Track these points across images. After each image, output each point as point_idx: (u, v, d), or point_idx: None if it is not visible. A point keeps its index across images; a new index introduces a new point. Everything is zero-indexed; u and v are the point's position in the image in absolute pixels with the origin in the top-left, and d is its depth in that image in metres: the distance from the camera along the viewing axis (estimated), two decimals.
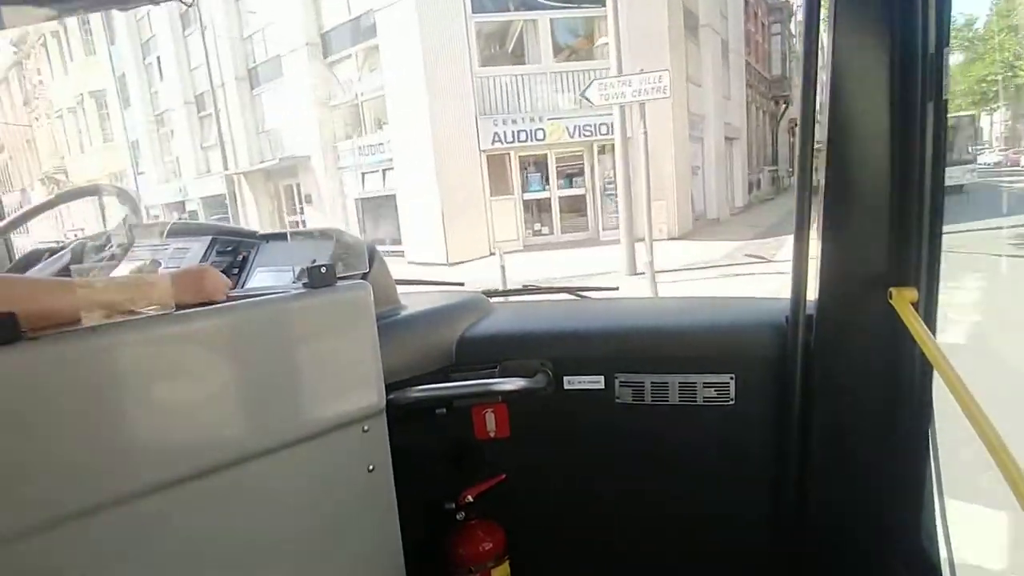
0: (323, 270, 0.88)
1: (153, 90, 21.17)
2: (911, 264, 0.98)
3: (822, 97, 0.98)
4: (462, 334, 1.29)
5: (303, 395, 0.87)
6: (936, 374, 0.90)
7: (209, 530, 0.79)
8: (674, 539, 1.28)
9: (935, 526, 1.02)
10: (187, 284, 0.85)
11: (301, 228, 1.34)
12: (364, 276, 1.11)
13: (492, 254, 12.56)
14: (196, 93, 19.06)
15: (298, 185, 16.27)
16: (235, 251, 1.25)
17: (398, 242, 13.78)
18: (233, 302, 0.84)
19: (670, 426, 1.21)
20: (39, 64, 28.31)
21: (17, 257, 1.33)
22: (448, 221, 12.23)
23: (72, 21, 23.98)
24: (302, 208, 16.49)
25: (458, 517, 1.24)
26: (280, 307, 0.85)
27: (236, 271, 1.21)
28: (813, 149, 1.00)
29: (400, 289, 1.35)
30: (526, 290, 1.68)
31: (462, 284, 1.68)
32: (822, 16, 0.97)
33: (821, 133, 0.99)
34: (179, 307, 0.79)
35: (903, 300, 0.95)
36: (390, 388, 1.01)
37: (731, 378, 1.17)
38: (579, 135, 12.69)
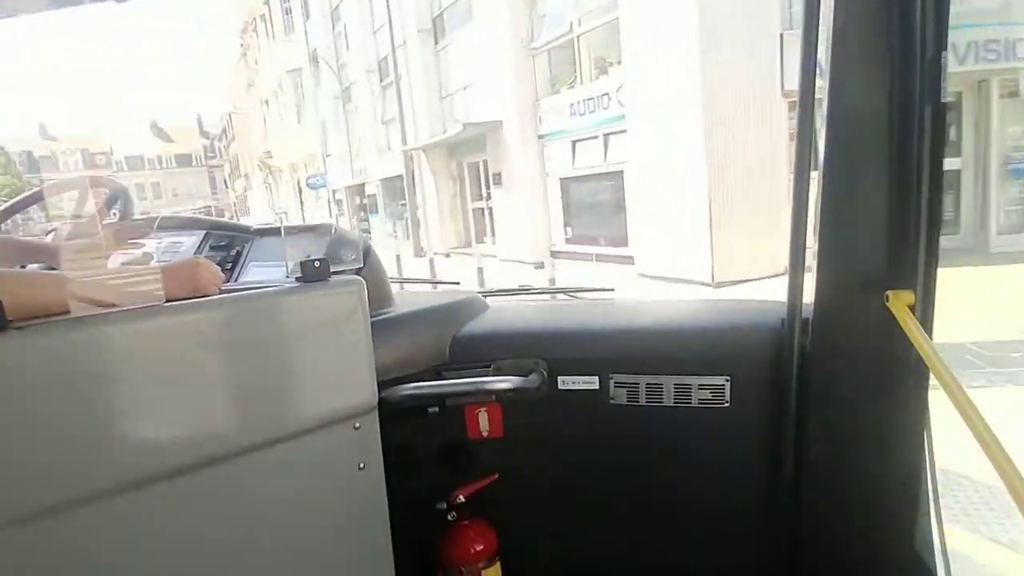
0: (317, 264, 0.87)
1: (340, 62, 19.38)
2: (908, 267, 0.97)
3: (821, 99, 0.97)
4: (456, 333, 1.27)
5: (294, 390, 0.85)
6: (932, 378, 0.91)
7: (197, 526, 0.77)
8: (667, 540, 1.27)
9: (930, 530, 1.03)
10: (179, 277, 0.82)
11: (297, 223, 1.75)
12: (358, 272, 1.06)
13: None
14: (379, 58, 16.55)
15: (485, 162, 12.64)
16: (228, 246, 1.24)
17: (621, 242, 9.27)
18: (224, 295, 0.83)
19: (664, 427, 1.20)
20: (255, 52, 29.28)
21: None
22: (718, 214, 7.34)
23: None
24: (489, 192, 12.86)
25: (449, 517, 1.22)
26: (272, 301, 0.85)
27: (230, 266, 1.20)
28: (811, 150, 1.00)
29: (395, 287, 1.35)
30: (521, 290, 1.67)
31: (458, 283, 1.67)
32: (821, 19, 0.96)
33: (819, 135, 0.98)
34: (171, 300, 0.77)
35: (900, 303, 0.94)
36: (383, 386, 1.00)
37: (726, 380, 1.15)
38: (976, 58, 6.91)
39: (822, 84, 0.96)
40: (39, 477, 0.65)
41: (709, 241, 7.37)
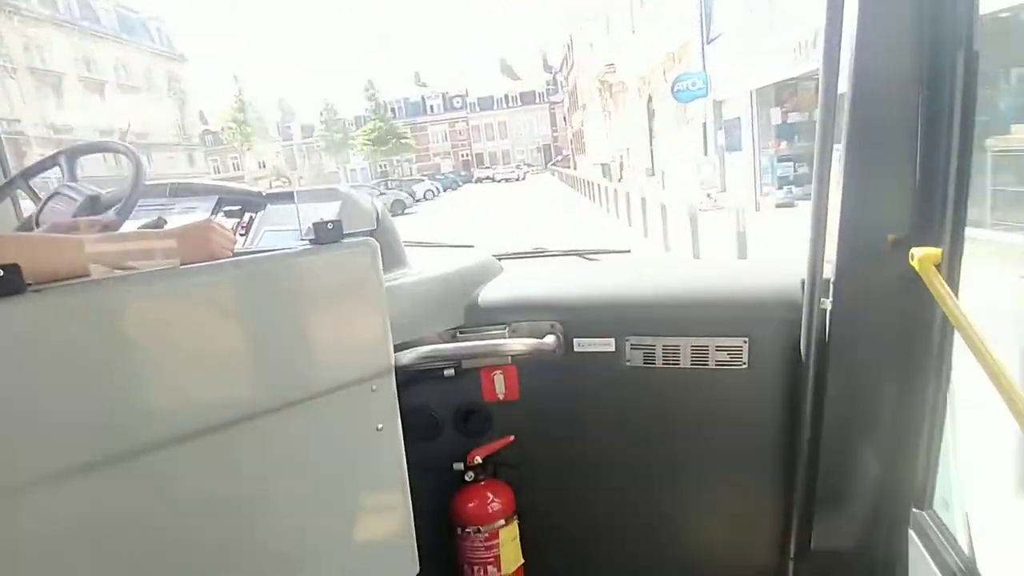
0: (329, 226, 0.85)
1: None
2: (935, 224, 0.91)
3: (846, 47, 0.91)
4: (472, 295, 1.27)
5: (309, 352, 0.84)
6: (957, 338, 0.89)
7: (214, 487, 0.77)
8: (685, 502, 1.26)
9: (950, 491, 1.00)
10: (192, 240, 0.83)
11: (307, 187, 1.32)
12: (371, 234, 1.02)
13: None
14: None
15: None
16: (241, 211, 1.21)
17: None
18: (238, 257, 0.84)
19: (681, 389, 1.19)
20: None
21: (24, 216, 1.27)
22: None
23: None
24: None
25: (467, 477, 1.23)
26: (286, 263, 0.83)
27: (243, 231, 1.18)
28: (836, 101, 0.93)
29: (409, 249, 1.30)
30: (536, 252, 1.62)
31: (472, 246, 1.60)
32: None
33: (844, 84, 0.93)
34: (185, 264, 0.76)
35: (926, 261, 0.89)
36: (399, 348, 0.99)
37: (744, 341, 1.13)
38: None
39: (849, 31, 0.90)
40: (58, 439, 0.65)
41: None
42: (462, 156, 57.59)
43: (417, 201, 25.72)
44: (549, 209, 16.49)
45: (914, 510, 1.00)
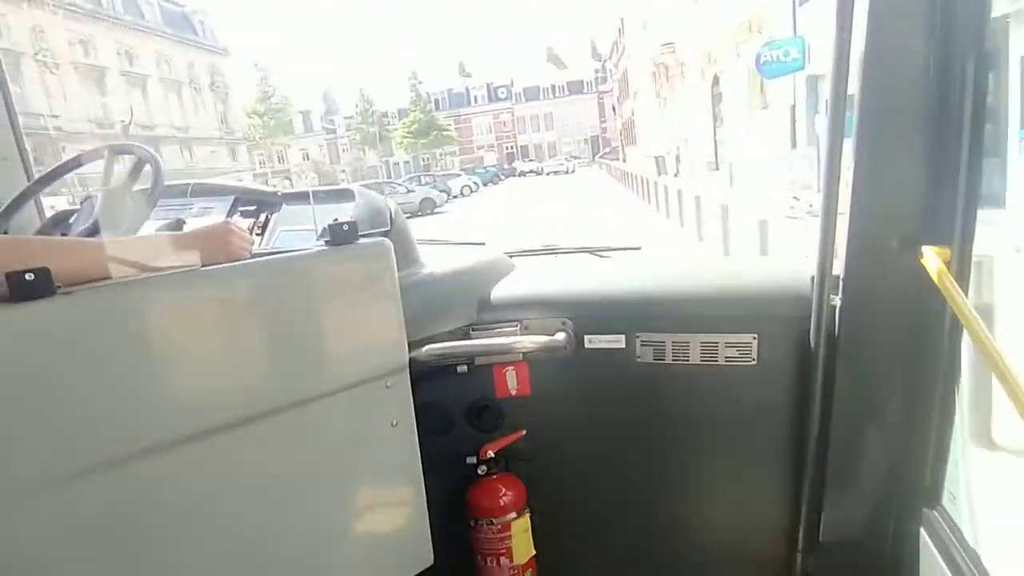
0: (345, 227, 0.88)
1: None
2: (945, 222, 0.91)
3: (857, 43, 0.91)
4: (484, 293, 1.29)
5: (326, 351, 0.87)
6: (965, 336, 0.89)
7: (237, 480, 0.80)
8: (694, 496, 1.28)
9: (958, 487, 1.01)
10: (212, 242, 0.85)
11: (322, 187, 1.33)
12: (385, 234, 1.06)
13: None
14: None
15: None
16: (257, 211, 1.24)
17: None
18: (257, 259, 0.86)
19: (691, 385, 1.21)
20: None
21: (47, 216, 1.31)
22: None
23: None
24: None
25: (480, 471, 1.25)
26: (303, 263, 0.86)
27: (259, 231, 1.20)
28: (845, 98, 0.93)
29: (422, 248, 1.33)
30: (547, 250, 1.63)
31: (483, 244, 1.62)
32: None
33: (855, 81, 0.92)
34: (205, 265, 0.79)
35: (935, 259, 0.89)
36: (412, 345, 1.01)
37: (753, 338, 1.14)
38: None
39: (860, 27, 0.90)
40: (89, 435, 0.67)
41: None
42: (507, 148, 55.51)
43: (453, 198, 23.80)
44: (599, 212, 14.26)
45: (924, 509, 1.00)
